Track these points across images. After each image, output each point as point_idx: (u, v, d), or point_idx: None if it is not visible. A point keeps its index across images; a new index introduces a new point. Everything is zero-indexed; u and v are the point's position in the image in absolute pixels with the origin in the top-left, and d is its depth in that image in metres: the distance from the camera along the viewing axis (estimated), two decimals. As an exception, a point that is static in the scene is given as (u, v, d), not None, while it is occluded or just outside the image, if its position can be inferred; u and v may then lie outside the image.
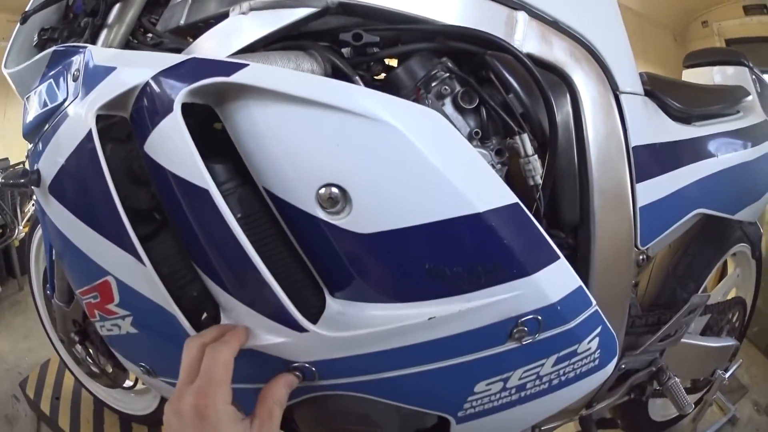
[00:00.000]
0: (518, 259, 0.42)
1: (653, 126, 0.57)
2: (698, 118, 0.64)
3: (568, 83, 0.50)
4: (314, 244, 0.43)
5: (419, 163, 0.39)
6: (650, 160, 0.55)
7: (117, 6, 0.53)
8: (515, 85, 0.47)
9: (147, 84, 0.45)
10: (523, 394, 0.48)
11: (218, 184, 0.42)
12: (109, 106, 0.48)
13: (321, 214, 0.41)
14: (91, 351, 0.85)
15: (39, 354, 1.46)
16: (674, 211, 0.59)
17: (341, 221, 0.41)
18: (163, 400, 1.01)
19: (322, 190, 0.40)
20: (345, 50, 0.49)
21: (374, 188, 0.40)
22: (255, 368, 0.49)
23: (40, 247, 1.13)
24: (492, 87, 0.48)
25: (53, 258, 0.78)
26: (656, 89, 0.59)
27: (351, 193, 0.40)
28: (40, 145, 0.56)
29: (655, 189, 0.56)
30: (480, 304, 0.42)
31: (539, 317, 0.44)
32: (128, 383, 0.93)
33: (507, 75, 0.47)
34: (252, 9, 0.49)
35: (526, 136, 0.47)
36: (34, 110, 0.57)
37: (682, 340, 0.64)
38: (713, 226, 0.68)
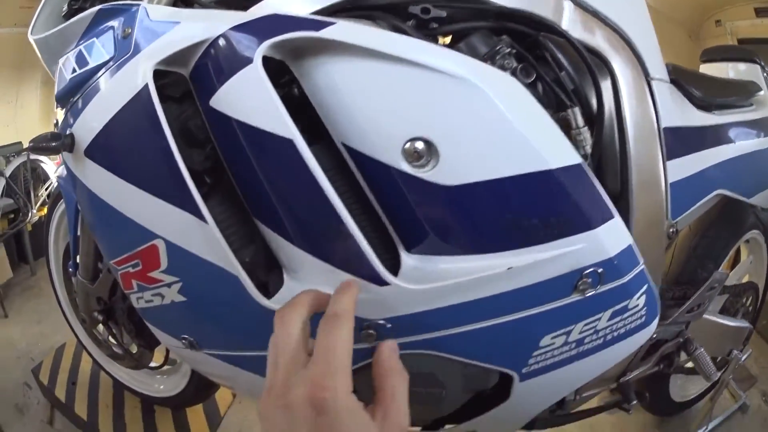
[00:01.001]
0: (584, 214, 0.45)
1: (679, 111, 0.64)
2: (717, 107, 0.72)
3: (609, 68, 0.55)
4: (395, 198, 0.44)
5: (501, 121, 0.42)
6: (678, 142, 0.62)
7: (159, -27, 0.53)
8: (566, 64, 0.52)
9: (220, 38, 0.45)
10: (581, 348, 0.51)
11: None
12: (168, 62, 0.48)
13: (406, 168, 0.43)
14: (114, 331, 0.78)
15: (52, 339, 1.37)
16: (699, 190, 0.65)
17: (426, 174, 0.43)
18: (192, 379, 0.94)
19: (408, 144, 0.42)
20: (409, 22, 0.52)
21: (461, 143, 0.42)
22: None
23: (60, 225, 1.06)
24: (545, 65, 0.52)
25: (77, 234, 0.72)
26: (680, 79, 0.66)
27: (438, 146, 0.42)
28: (77, 107, 0.54)
29: (682, 168, 0.62)
30: (552, 255, 0.45)
31: (600, 270, 0.47)
32: (153, 364, 0.85)
33: (559, 55, 0.52)
34: (318, -20, 0.51)
35: (577, 110, 0.51)
36: (70, 71, 0.54)
37: (705, 316, 0.70)
38: (730, 211, 0.75)
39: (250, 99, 0.44)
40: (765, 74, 0.92)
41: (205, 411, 1.05)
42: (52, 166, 2.29)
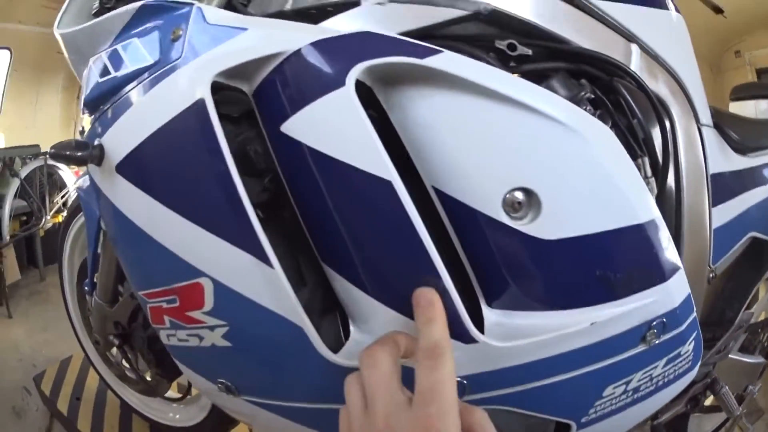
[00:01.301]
0: (661, 267, 0.45)
1: (722, 156, 0.66)
2: (752, 150, 0.76)
3: (669, 115, 0.56)
4: (486, 249, 0.42)
5: (601, 173, 0.41)
6: (721, 187, 0.64)
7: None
8: (638, 112, 0.52)
9: (299, 52, 0.39)
10: (636, 396, 0.52)
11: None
12: (229, 74, 0.42)
13: (504, 219, 0.40)
14: (129, 356, 0.69)
15: (57, 348, 1.32)
16: (736, 234, 0.68)
17: (525, 227, 0.40)
18: (211, 414, 0.85)
19: (509, 195, 0.40)
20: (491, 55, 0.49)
21: (562, 194, 0.40)
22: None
23: (78, 239, 0.96)
24: (619, 112, 0.52)
25: (97, 251, 0.62)
26: (720, 123, 0.68)
27: (541, 197, 0.40)
28: (108, 115, 0.46)
29: (724, 213, 0.65)
30: (630, 309, 0.45)
31: (665, 320, 0.48)
32: (172, 394, 0.76)
33: (632, 102, 0.52)
34: (392, 0, 0.46)
35: (647, 159, 0.51)
36: (103, 74, 0.46)
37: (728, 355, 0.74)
38: (753, 251, 0.79)
39: (338, 129, 0.39)
40: None
41: None
42: (69, 174, 2.21)
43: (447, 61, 0.38)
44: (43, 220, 2.02)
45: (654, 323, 0.47)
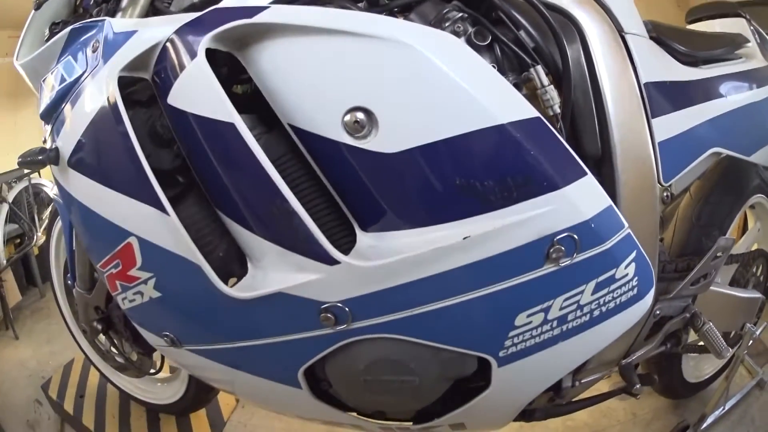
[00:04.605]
0: (547, 171, 0.42)
1: (662, 66, 0.59)
2: (704, 62, 0.67)
3: (575, 23, 0.52)
4: (342, 173, 0.43)
5: (441, 79, 0.40)
6: (662, 97, 0.57)
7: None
8: (524, 22, 0.50)
9: (170, 38, 0.47)
10: (564, 327, 0.46)
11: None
12: (131, 67, 0.50)
13: (348, 140, 0.42)
14: (115, 340, 0.82)
15: (62, 357, 1.43)
16: (692, 149, 0.59)
17: (368, 144, 0.41)
18: (190, 385, 0.96)
19: (348, 116, 0.41)
20: (361, 4, 0.52)
21: (399, 107, 0.40)
22: (286, 318, 0.47)
23: (60, 242, 1.13)
24: (503, 26, 0.50)
25: (73, 247, 0.77)
26: (662, 36, 0.61)
27: (377, 113, 0.41)
28: (58, 122, 0.58)
29: (670, 125, 0.57)
30: (514, 221, 0.41)
31: (575, 236, 0.43)
32: (153, 370, 0.89)
33: (516, 14, 0.50)
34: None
35: (540, 68, 0.48)
36: (50, 89, 0.59)
37: (713, 288, 0.62)
38: (731, 175, 0.69)
39: (197, 91, 0.45)
40: (752, 28, 0.85)
41: (208, 416, 1.08)
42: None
43: (273, 13, 0.42)
44: (35, 237, 2.06)
45: (558, 238, 0.43)
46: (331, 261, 0.42)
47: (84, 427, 1.09)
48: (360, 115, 0.41)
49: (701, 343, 0.62)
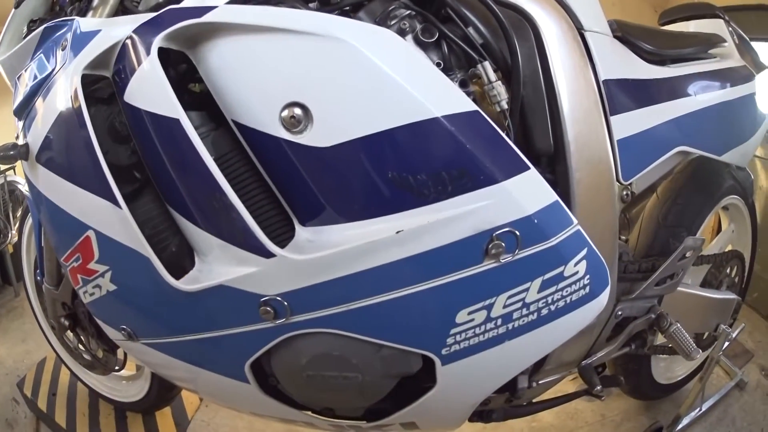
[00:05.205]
0: (484, 165, 0.41)
1: (624, 64, 0.58)
2: (673, 61, 0.65)
3: (529, 20, 0.51)
4: (281, 168, 0.44)
5: (374, 73, 0.40)
6: (623, 95, 0.55)
7: (100, -10, 0.58)
8: (473, 18, 0.50)
9: (129, 37, 0.48)
10: (510, 326, 0.45)
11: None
12: (94, 65, 0.52)
13: (284, 134, 0.42)
14: (81, 337, 0.83)
15: (36, 355, 1.45)
16: (655, 147, 0.58)
17: (304, 138, 0.42)
18: (153, 382, 0.98)
19: (285, 112, 0.42)
20: (312, 4, 0.53)
21: (333, 101, 0.41)
22: (229, 311, 0.48)
23: (31, 238, 1.16)
24: (452, 24, 0.50)
25: (42, 243, 0.79)
26: (628, 35, 0.60)
27: (311, 108, 0.41)
28: (29, 118, 0.60)
29: (631, 123, 0.55)
30: (450, 215, 0.41)
31: (516, 232, 0.42)
32: (117, 368, 0.90)
33: (464, 10, 0.50)
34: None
35: (487, 64, 0.48)
36: (24, 85, 0.61)
37: (682, 289, 0.60)
38: (702, 174, 0.66)
39: (148, 87, 0.46)
40: (730, 29, 0.82)
41: (173, 415, 1.10)
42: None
43: (220, 13, 0.43)
44: (9, 236, 2.04)
45: (498, 233, 0.42)
46: (268, 254, 0.43)
47: (57, 424, 1.11)
48: (297, 111, 0.41)
49: (671, 344, 0.59)
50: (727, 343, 0.71)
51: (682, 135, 0.60)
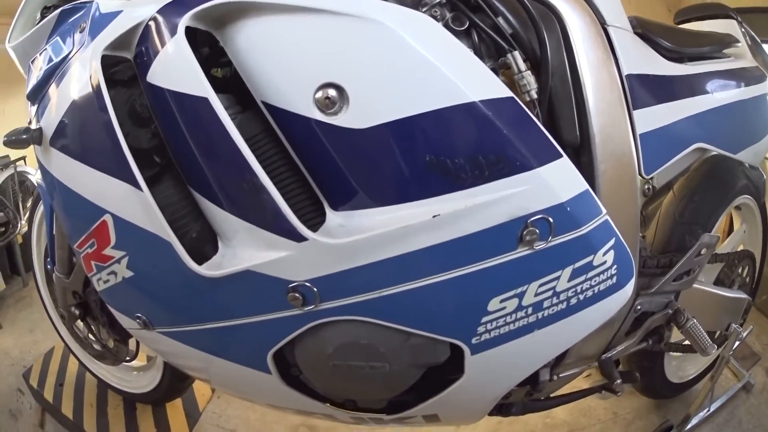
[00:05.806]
0: (520, 151, 0.41)
1: (645, 59, 0.59)
2: (690, 59, 0.67)
3: (555, 13, 0.52)
4: (313, 150, 0.43)
5: (411, 55, 0.40)
6: (645, 90, 0.56)
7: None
8: (502, 8, 0.50)
9: (152, 17, 0.47)
10: (540, 315, 0.45)
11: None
12: (114, 46, 0.51)
13: (318, 116, 0.41)
14: (92, 326, 0.81)
15: (44, 345, 1.42)
16: (675, 143, 0.59)
17: (338, 120, 0.41)
18: (165, 372, 0.95)
19: (319, 93, 0.41)
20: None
21: (370, 83, 0.40)
22: (254, 298, 0.46)
23: (41, 227, 1.13)
24: (482, 13, 0.50)
25: (53, 231, 0.77)
26: (647, 32, 0.61)
27: (348, 89, 0.40)
28: (43, 102, 0.58)
29: (653, 117, 0.56)
30: (486, 200, 0.41)
31: (550, 219, 0.42)
32: (128, 358, 0.88)
33: (494, 0, 0.50)
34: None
35: (517, 53, 0.48)
36: (38, 69, 0.60)
37: (697, 286, 0.61)
38: (717, 173, 0.68)
39: (175, 67, 0.45)
40: (743, 30, 0.85)
41: (184, 406, 1.07)
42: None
43: None
44: (19, 226, 2.03)
45: (532, 220, 0.42)
46: (299, 238, 0.42)
47: (63, 415, 1.08)
48: (331, 92, 0.41)
49: (685, 342, 0.60)
50: (737, 343, 0.72)
51: (700, 132, 0.61)
